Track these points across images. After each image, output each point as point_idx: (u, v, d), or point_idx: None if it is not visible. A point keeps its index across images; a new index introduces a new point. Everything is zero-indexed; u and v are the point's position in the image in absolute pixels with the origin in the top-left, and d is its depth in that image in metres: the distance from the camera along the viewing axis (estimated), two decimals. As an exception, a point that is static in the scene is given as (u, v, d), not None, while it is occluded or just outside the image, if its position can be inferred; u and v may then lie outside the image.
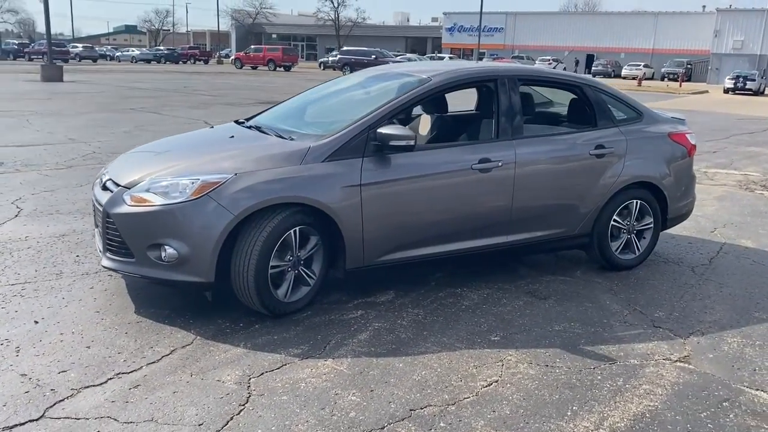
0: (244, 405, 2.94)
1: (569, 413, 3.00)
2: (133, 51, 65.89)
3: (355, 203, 3.95)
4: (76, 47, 59.17)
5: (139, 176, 3.92)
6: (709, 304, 4.47)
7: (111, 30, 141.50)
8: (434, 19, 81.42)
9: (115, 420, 2.77)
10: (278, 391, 3.08)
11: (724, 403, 3.16)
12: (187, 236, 3.66)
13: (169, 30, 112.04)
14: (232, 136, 4.47)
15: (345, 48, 46.69)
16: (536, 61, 57.58)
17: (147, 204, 3.72)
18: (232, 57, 55.32)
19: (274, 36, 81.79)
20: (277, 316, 3.89)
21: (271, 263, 3.75)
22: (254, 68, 49.94)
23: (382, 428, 2.81)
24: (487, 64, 5.71)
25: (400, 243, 4.19)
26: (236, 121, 4.93)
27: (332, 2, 69.50)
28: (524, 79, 4.88)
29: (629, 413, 3.02)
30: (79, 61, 54.70)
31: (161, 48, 68.28)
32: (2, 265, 4.57)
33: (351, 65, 42.30)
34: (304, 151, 3.94)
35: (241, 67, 50.48)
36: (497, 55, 61.76)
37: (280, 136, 4.23)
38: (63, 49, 53.60)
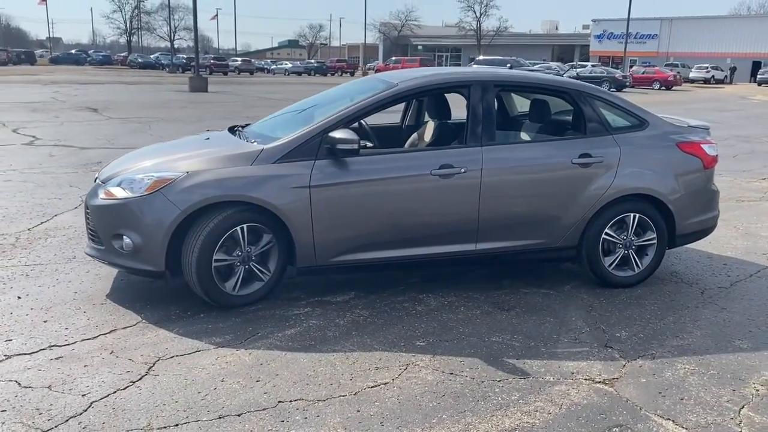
0: (133, 382, 3.20)
1: (434, 421, 2.95)
2: (286, 64, 70.13)
3: (304, 204, 4.11)
4: (236, 61, 64.02)
5: (116, 172, 4.35)
6: (688, 329, 4.11)
7: (276, 45, 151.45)
8: (585, 27, 78.56)
9: (17, 383, 3.15)
10: (172, 373, 3.31)
11: (614, 429, 2.95)
12: (141, 228, 4.01)
13: (325, 43, 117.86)
14: (208, 139, 4.81)
15: (479, 57, 46.43)
16: (692, 69, 53.83)
17: (113, 198, 4.13)
18: (375, 68, 56.98)
19: (419, 47, 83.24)
20: (224, 307, 4.13)
21: (215, 257, 4.01)
22: (394, 79, 51.11)
23: (239, 415, 2.95)
24: (465, 69, 5.60)
25: (355, 245, 4.28)
26: (230, 128, 5.23)
27: (474, 12, 69.49)
28: (502, 86, 4.76)
29: (497, 428, 2.92)
30: (238, 73, 59.16)
31: (311, 61, 71.93)
32: (30, 249, 5.24)
33: (485, 75, 42.02)
34: (257, 152, 4.17)
35: (380, 78, 51.90)
36: (650, 63, 58.40)
37: (248, 140, 4.49)
38: (223, 62, 58.30)
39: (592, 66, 45.33)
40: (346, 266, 4.35)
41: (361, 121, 4.98)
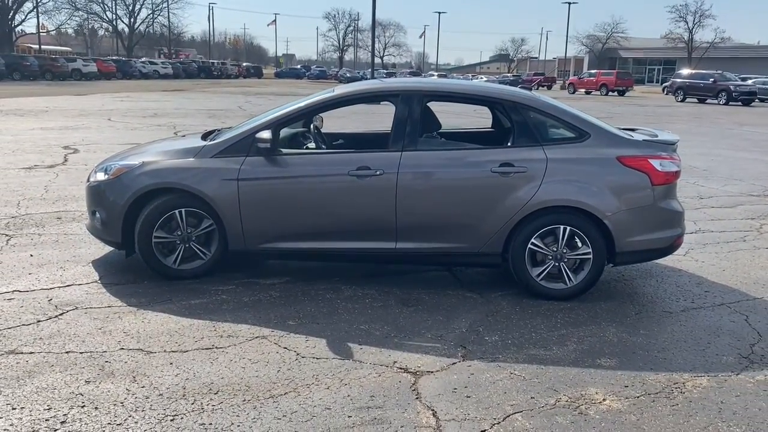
0: (39, 322, 4.08)
1: (228, 384, 3.43)
2: (481, 78, 70.83)
3: (232, 194, 4.75)
4: (432, 75, 66.16)
5: (108, 162, 5.35)
6: (566, 343, 4.04)
7: (487, 59, 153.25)
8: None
9: (-34, 311, 4.20)
10: (71, 318, 4.14)
11: (371, 410, 3.19)
12: (107, 206, 4.94)
13: (535, 57, 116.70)
14: (184, 136, 5.63)
15: (682, 71, 43.09)
16: None
17: (96, 181, 5.12)
18: (568, 82, 55.40)
19: (630, 60, 79.01)
20: (168, 278, 4.91)
21: (155, 234, 4.80)
22: (587, 93, 49.34)
23: (68, 353, 3.67)
24: (397, 80, 5.78)
25: (279, 234, 4.82)
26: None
27: (687, 23, 64.33)
28: (433, 95, 4.96)
29: (271, 393, 3.31)
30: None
31: (508, 75, 71.78)
32: (78, 223, 6.48)
33: (684, 89, 39.15)
34: (199, 148, 4.90)
35: (573, 93, 50.36)
36: None
37: (210, 139, 5.23)
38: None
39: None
40: (273, 252, 4.90)
41: (316, 124, 5.50)
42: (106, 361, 3.58)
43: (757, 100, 36.64)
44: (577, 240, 4.69)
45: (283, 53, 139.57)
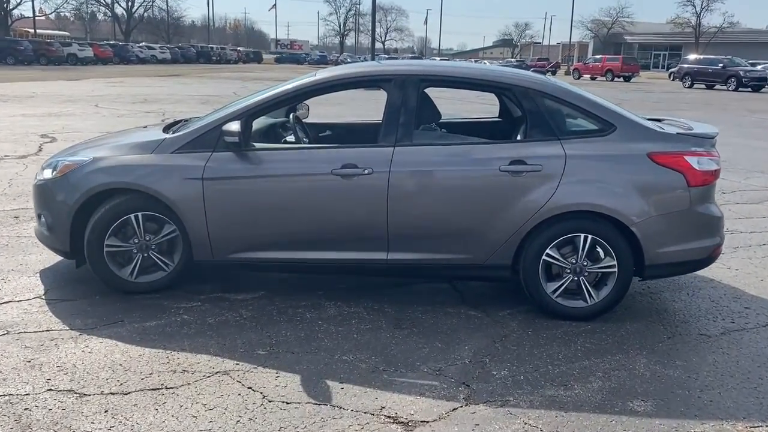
0: (-41, 351, 3.41)
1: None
2: (484, 63, 69.73)
3: (196, 196, 4.05)
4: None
5: (55, 156, 4.65)
6: (590, 379, 3.36)
7: (490, 44, 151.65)
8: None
9: None
10: (8, 339, 3.47)
11: None
12: (52, 208, 4.26)
13: (539, 42, 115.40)
14: (145, 127, 4.92)
15: (690, 56, 42.14)
16: None
17: (41, 179, 4.42)
18: (573, 67, 54.44)
19: (636, 45, 77.80)
20: (124, 293, 4.23)
21: (106, 242, 4.11)
22: (593, 79, 48.39)
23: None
24: (389, 63, 5.05)
25: (253, 243, 4.14)
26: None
27: (694, 7, 63.09)
28: (431, 80, 4.25)
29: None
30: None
31: (512, 60, 70.68)
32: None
33: (692, 75, 38.25)
34: (158, 141, 4.19)
35: (578, 78, 49.41)
36: None
37: (171, 131, 4.52)
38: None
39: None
40: (245, 264, 4.22)
41: (299, 113, 4.80)
42: (26, 409, 2.90)
43: (766, 86, 35.71)
44: (600, 250, 4.00)
45: (274, 38, 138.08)
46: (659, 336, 3.92)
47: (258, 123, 4.49)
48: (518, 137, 4.31)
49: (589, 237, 3.95)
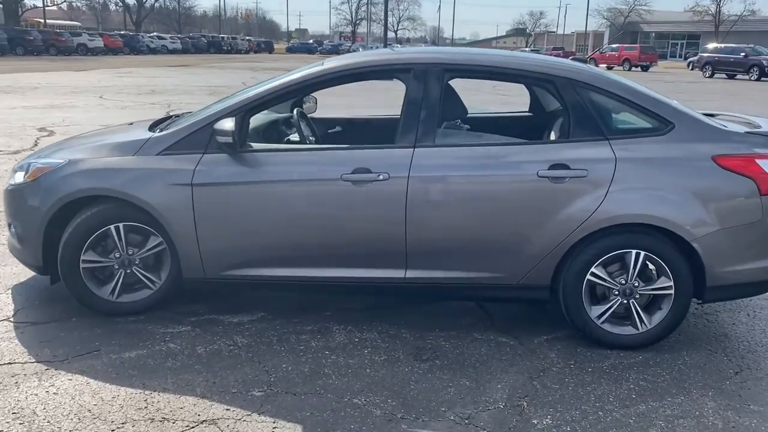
0: None
1: None
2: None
3: (185, 204, 3.51)
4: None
5: (30, 157, 4.11)
6: (651, 430, 2.79)
7: (503, 33, 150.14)
8: None
9: None
10: (-50, 386, 2.95)
11: None
12: (22, 217, 3.73)
13: (553, 31, 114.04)
14: (131, 124, 4.38)
15: (710, 45, 41.08)
16: None
17: (12, 183, 3.89)
18: (589, 56, 53.41)
19: (652, 34, 76.38)
20: (104, 314, 3.70)
21: (83, 257, 3.58)
22: (609, 68, 47.30)
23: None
24: (408, 50, 4.44)
25: (250, 258, 3.59)
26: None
27: (714, -6, 61.62)
28: (457, 69, 3.65)
29: None
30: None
31: (525, 49, 69.66)
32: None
33: (712, 64, 37.24)
34: (142, 141, 3.64)
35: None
36: None
37: (158, 128, 3.96)
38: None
39: None
40: (243, 282, 3.67)
41: (304, 108, 4.23)
42: (-34, 474, 2.37)
43: (791, 76, 34.66)
44: (653, 269, 3.42)
45: (296, 28, 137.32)
46: (724, 371, 3.34)
47: (258, 120, 3.95)
48: (556, 135, 3.73)
49: (642, 253, 3.37)
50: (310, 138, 4.14)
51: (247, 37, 76.64)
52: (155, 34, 63.41)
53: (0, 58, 36.15)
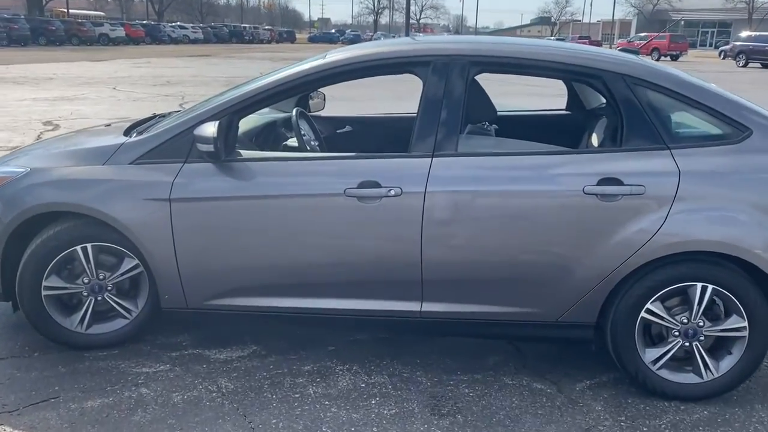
0: None
1: None
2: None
3: (162, 222, 2.97)
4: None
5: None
6: None
7: (528, 22, 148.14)
8: None
9: None
10: None
11: None
12: (-23, 237, 3.21)
13: (578, 20, 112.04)
14: (108, 125, 3.84)
15: (743, 33, 39.69)
16: None
17: (-29, 195, 3.37)
18: (617, 45, 52.15)
19: (682, 23, 74.40)
20: (73, 348, 3.19)
21: (45, 283, 3.06)
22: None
23: None
24: (441, 39, 3.86)
25: (239, 286, 3.05)
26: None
27: (748, -20, 59.69)
28: (485, 63, 3.03)
29: None
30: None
31: (550, 38, 68.36)
32: None
33: (746, 53, 35.96)
34: (114, 148, 3.11)
35: (622, 57, 47.33)
36: None
37: (135, 132, 3.41)
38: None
39: None
40: (229, 313, 3.12)
41: (301, 109, 3.66)
42: None
43: (830, 65, 33.35)
44: (721, 306, 2.82)
45: (319, 17, 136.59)
46: (813, 433, 2.72)
47: (252, 121, 3.40)
48: (599, 138, 3.13)
49: (709, 287, 2.77)
50: (312, 143, 3.57)
51: (267, 27, 76.15)
52: (177, 23, 63.24)
53: (22, 48, 36.05)
